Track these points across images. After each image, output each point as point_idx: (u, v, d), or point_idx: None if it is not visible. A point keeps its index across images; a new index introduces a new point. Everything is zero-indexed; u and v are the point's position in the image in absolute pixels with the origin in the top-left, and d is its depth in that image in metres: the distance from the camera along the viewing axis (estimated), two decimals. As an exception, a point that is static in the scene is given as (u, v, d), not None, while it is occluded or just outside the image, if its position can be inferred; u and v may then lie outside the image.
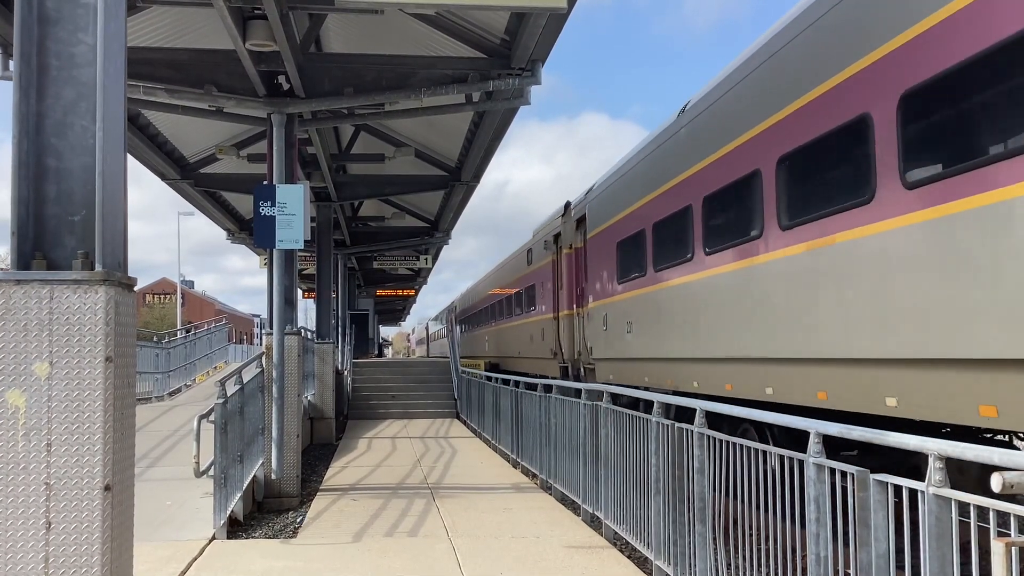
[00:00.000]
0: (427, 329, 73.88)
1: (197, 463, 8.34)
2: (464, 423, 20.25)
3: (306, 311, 48.71)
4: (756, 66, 8.43)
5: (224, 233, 22.98)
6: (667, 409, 7.07)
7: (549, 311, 18.48)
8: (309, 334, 18.06)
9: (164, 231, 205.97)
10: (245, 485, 9.41)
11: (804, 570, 4.62)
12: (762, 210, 8.13)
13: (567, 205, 16.94)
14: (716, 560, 5.74)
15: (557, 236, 17.69)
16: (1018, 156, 5.00)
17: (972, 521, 3.36)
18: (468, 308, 36.99)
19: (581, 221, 15.49)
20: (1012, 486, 3.03)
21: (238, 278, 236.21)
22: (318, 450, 15.80)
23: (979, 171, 5.32)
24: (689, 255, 10.00)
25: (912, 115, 5.99)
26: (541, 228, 19.88)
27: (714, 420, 6.26)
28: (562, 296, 17.27)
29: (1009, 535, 3.13)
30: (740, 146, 8.65)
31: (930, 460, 3.61)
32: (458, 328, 39.46)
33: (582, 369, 15.76)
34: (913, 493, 3.71)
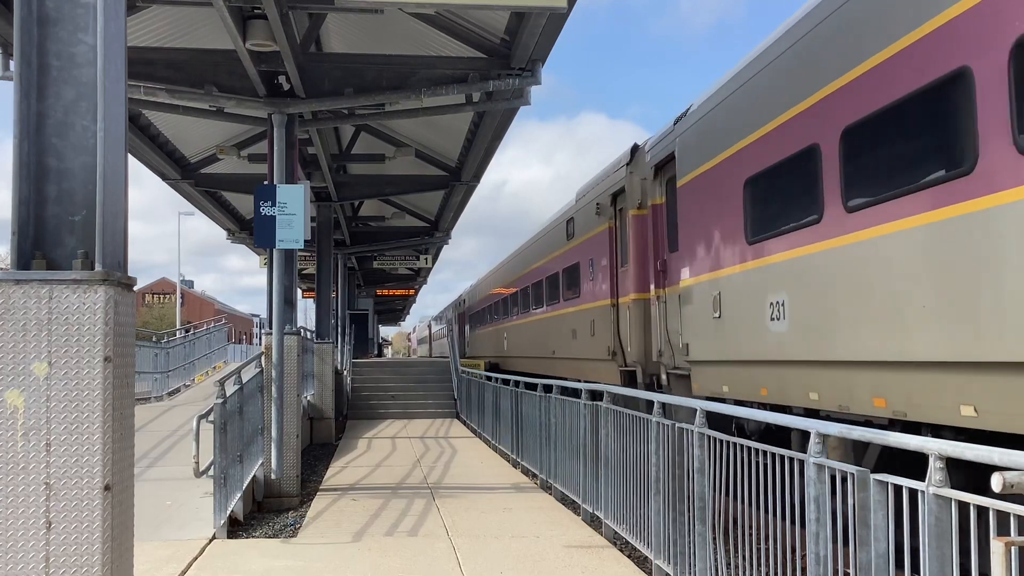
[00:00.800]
0: (429, 328, 72.85)
1: (197, 463, 8.35)
2: (464, 423, 20.25)
3: (306, 311, 48.76)
4: None
5: (223, 233, 22.98)
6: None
7: (604, 296, 14.08)
8: (309, 334, 18.06)
9: (162, 231, 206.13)
10: (245, 485, 9.41)
11: (804, 570, 4.62)
12: None
13: (634, 149, 12.91)
14: (716, 559, 5.74)
15: (617, 195, 13.58)
16: None
17: (972, 521, 3.36)
18: (481, 301, 31.87)
19: (662, 167, 11.52)
20: (1012, 486, 3.04)
21: (237, 278, 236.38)
22: (318, 450, 15.80)
23: None
24: (967, 163, 5.45)
25: None
26: (587, 189, 15.50)
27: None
28: (626, 275, 13.09)
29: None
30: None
31: (930, 460, 3.61)
32: (467, 326, 36.95)
33: (663, 376, 11.53)
34: (913, 493, 3.72)
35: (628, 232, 12.84)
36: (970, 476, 4.48)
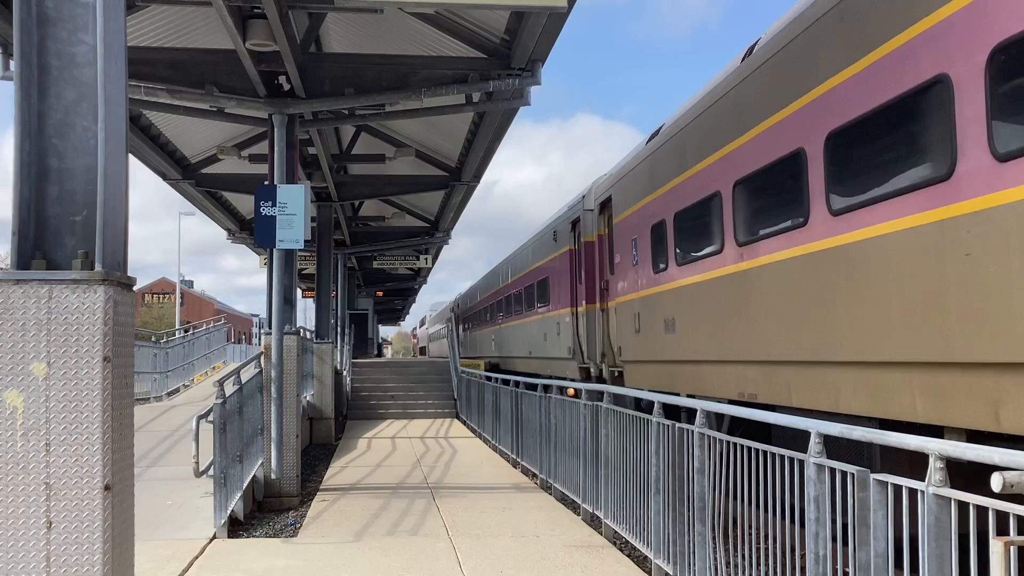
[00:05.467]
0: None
1: (197, 463, 8.35)
2: (464, 423, 20.25)
3: (305, 311, 48.77)
4: None
5: (219, 233, 23.09)
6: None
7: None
8: (308, 334, 18.07)
9: (157, 231, 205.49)
10: (245, 485, 9.42)
11: (803, 569, 4.62)
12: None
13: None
14: (716, 559, 5.74)
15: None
16: None
17: (972, 521, 3.36)
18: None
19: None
20: (1012, 486, 3.04)
21: (234, 278, 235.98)
22: (317, 450, 15.80)
23: None
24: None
25: None
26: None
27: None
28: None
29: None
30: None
31: (930, 460, 3.61)
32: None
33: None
34: (913, 493, 3.72)
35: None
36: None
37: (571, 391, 10.27)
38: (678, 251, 10.12)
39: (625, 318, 12.42)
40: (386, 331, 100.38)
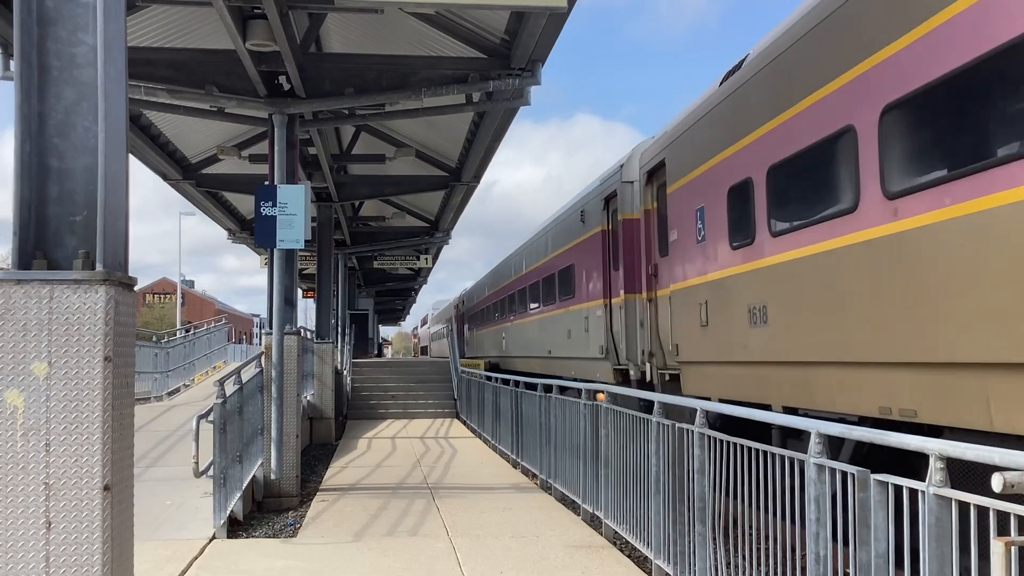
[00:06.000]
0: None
1: (196, 463, 8.35)
2: (464, 423, 20.26)
3: (306, 311, 48.72)
4: None
5: (218, 233, 23.16)
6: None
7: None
8: (309, 334, 18.06)
9: (155, 232, 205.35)
10: (244, 485, 9.42)
11: (804, 569, 4.62)
12: None
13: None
14: (716, 559, 5.74)
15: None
16: None
17: (972, 521, 3.36)
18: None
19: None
20: (1013, 486, 3.04)
21: (234, 278, 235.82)
22: (317, 450, 15.80)
23: None
24: None
25: None
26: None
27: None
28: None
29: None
30: None
31: (931, 460, 3.61)
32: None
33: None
34: (913, 493, 3.72)
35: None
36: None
37: (600, 395, 8.78)
38: (774, 217, 7.73)
39: (685, 308, 10.06)
40: (386, 331, 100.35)
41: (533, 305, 20.49)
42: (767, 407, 7.41)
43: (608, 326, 13.64)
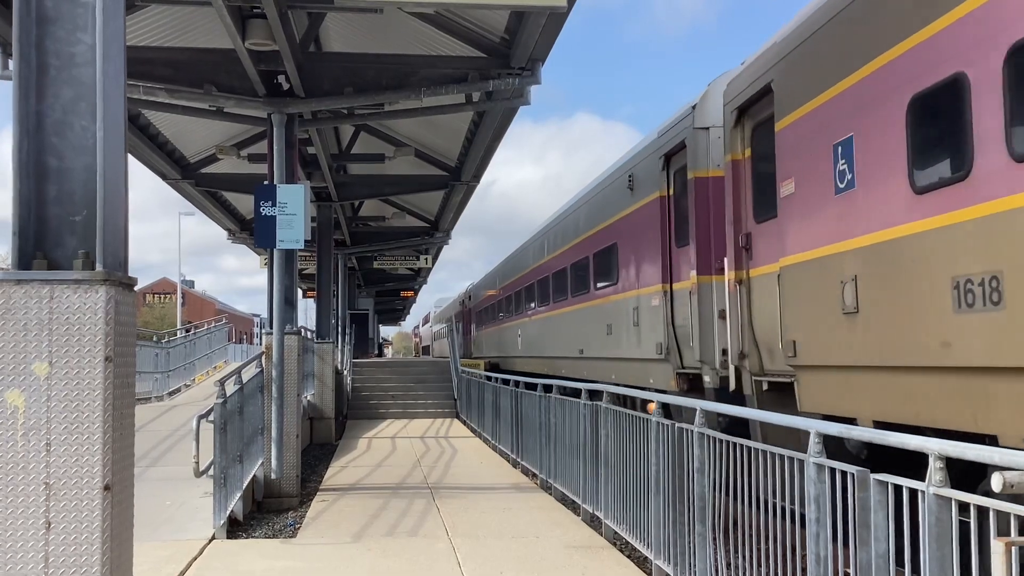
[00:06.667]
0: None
1: (196, 463, 8.35)
2: (464, 423, 20.25)
3: (306, 311, 48.69)
4: None
5: (218, 233, 23.16)
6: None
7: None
8: (309, 334, 18.06)
9: (154, 231, 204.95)
10: (245, 485, 9.41)
11: (804, 570, 4.62)
12: None
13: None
14: (716, 559, 5.74)
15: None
16: None
17: (972, 521, 3.35)
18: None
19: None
20: (1012, 486, 3.04)
21: (235, 278, 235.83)
22: (318, 450, 15.79)
23: None
24: None
25: None
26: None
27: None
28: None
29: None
30: None
31: (931, 460, 3.61)
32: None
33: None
34: (913, 493, 3.71)
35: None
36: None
37: (651, 406, 7.17)
38: (1017, 131, 4.79)
39: (809, 289, 7.09)
40: (387, 331, 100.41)
41: (559, 296, 17.37)
42: (991, 440, 4.94)
43: (669, 318, 10.75)
